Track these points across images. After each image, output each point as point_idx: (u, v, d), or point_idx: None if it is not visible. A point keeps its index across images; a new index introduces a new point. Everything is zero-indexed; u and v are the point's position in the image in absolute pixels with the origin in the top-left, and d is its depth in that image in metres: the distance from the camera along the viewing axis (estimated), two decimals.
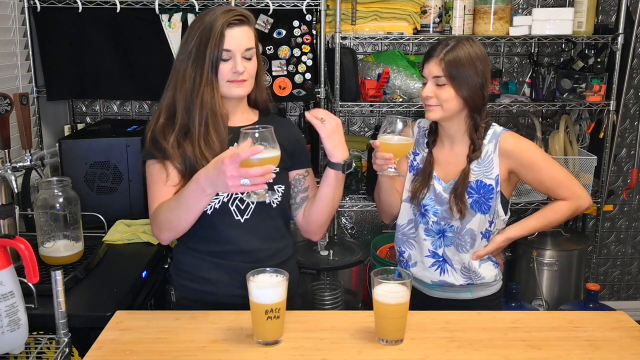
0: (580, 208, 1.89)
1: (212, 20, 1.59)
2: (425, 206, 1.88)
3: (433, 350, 1.45)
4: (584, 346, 1.47)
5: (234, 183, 1.40)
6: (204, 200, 1.54)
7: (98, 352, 1.42)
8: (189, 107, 1.62)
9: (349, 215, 3.38)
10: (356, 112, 3.33)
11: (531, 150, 1.85)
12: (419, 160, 1.92)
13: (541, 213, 1.92)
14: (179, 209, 1.56)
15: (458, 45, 1.77)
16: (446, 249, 1.88)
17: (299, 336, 1.50)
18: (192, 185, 1.52)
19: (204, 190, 1.49)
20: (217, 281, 1.70)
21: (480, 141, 1.83)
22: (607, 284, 3.71)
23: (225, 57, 1.60)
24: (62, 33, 2.80)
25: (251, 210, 1.69)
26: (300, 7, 2.82)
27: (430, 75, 1.78)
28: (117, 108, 3.25)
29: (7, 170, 1.96)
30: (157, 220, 1.63)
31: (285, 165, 1.74)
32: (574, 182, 1.89)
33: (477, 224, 1.84)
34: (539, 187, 1.91)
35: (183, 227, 1.61)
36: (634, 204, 3.63)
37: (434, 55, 1.78)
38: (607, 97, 2.93)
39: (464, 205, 1.81)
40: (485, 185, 1.83)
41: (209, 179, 1.47)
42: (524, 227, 1.92)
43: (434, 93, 1.78)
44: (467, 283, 1.89)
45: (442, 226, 1.87)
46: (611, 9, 3.30)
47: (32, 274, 1.36)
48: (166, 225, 1.62)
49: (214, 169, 1.44)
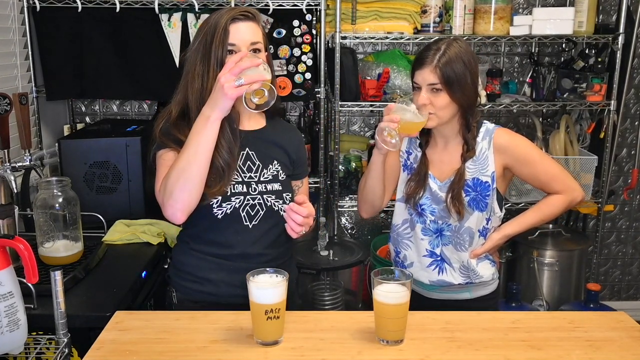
0: (575, 201, 1.89)
1: (217, 17, 1.60)
2: (421, 206, 1.87)
3: (433, 350, 1.44)
4: (584, 346, 1.47)
5: (229, 85, 1.42)
6: (209, 131, 1.49)
7: (98, 353, 1.42)
8: (202, 104, 1.59)
9: (349, 215, 3.37)
10: (356, 112, 3.32)
11: (525, 146, 1.86)
12: (412, 159, 1.91)
13: (536, 208, 1.92)
14: (187, 152, 1.50)
15: (449, 48, 1.75)
16: (444, 248, 1.87)
17: (299, 336, 1.49)
18: (197, 119, 1.52)
19: (207, 117, 1.48)
20: (219, 281, 1.70)
21: (473, 140, 1.83)
22: (607, 284, 3.71)
23: (230, 49, 1.59)
24: (62, 33, 2.80)
25: (260, 217, 1.69)
26: (300, 7, 2.82)
27: (425, 83, 1.76)
28: (116, 108, 3.24)
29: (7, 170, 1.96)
30: (167, 186, 1.53)
31: (289, 173, 1.75)
32: (567, 176, 1.90)
33: (475, 221, 1.84)
34: (533, 182, 1.91)
35: (195, 176, 1.51)
36: (634, 204, 3.63)
37: (427, 63, 1.75)
38: (607, 97, 2.93)
39: (461, 206, 1.81)
40: (482, 183, 1.83)
41: (209, 103, 1.49)
42: (520, 223, 1.91)
43: (429, 100, 1.76)
44: (465, 282, 1.88)
45: (439, 225, 1.86)
46: (612, 8, 3.30)
47: (32, 274, 1.35)
48: (178, 181, 1.51)
49: (213, 90, 1.48)
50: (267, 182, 1.69)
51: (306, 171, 1.87)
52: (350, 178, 3.02)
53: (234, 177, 1.64)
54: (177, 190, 1.52)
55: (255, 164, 1.69)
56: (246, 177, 1.67)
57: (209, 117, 1.48)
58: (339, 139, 2.91)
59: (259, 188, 1.68)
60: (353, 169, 3.03)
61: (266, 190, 1.69)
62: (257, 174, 1.69)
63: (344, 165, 3.04)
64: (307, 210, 1.56)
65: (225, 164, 1.60)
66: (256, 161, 1.69)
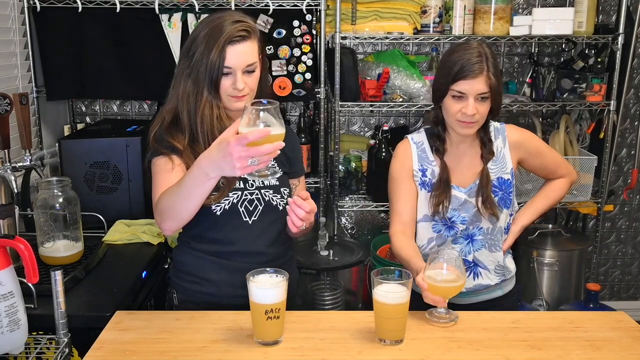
0: (574, 181, 2.01)
1: (216, 33, 1.57)
2: (450, 219, 1.82)
3: (433, 350, 1.44)
4: (584, 346, 1.47)
5: (242, 164, 1.32)
6: (207, 185, 1.44)
7: (98, 352, 1.42)
8: (194, 121, 1.62)
9: (349, 215, 3.37)
10: (356, 112, 3.32)
11: (535, 138, 1.94)
12: (429, 175, 1.84)
13: (543, 194, 1.98)
14: (180, 196, 1.48)
15: (489, 54, 1.72)
16: (475, 254, 1.85)
17: (299, 336, 1.49)
18: (194, 171, 1.43)
19: (207, 174, 1.40)
20: (220, 282, 1.70)
21: (490, 141, 1.83)
22: (607, 284, 3.71)
23: (226, 72, 1.59)
24: (62, 33, 2.80)
25: (259, 212, 1.69)
26: (300, 7, 2.82)
27: (475, 92, 1.70)
28: (116, 108, 3.24)
29: (7, 170, 1.96)
30: (159, 208, 1.55)
31: (285, 170, 1.76)
32: (565, 160, 2.03)
33: (504, 220, 1.86)
34: (541, 171, 1.97)
35: (185, 215, 1.53)
36: (634, 204, 3.62)
37: (477, 71, 1.69)
38: (607, 97, 2.93)
39: (494, 207, 1.80)
40: (505, 181, 1.84)
41: (213, 163, 1.37)
42: (533, 211, 1.95)
43: (476, 109, 1.72)
44: (500, 280, 1.89)
45: (470, 231, 1.84)
46: (611, 8, 3.30)
47: (32, 274, 1.36)
48: (168, 214, 1.53)
49: (218, 151, 1.35)
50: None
51: (302, 170, 1.87)
52: (350, 178, 3.02)
53: None
54: (166, 219, 1.55)
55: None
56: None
57: (208, 175, 1.40)
58: (339, 139, 2.91)
59: (256, 183, 1.69)
60: (353, 169, 3.03)
61: (263, 185, 1.70)
62: None
63: (344, 165, 3.04)
64: (310, 206, 1.56)
65: (226, 181, 1.62)
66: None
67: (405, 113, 3.34)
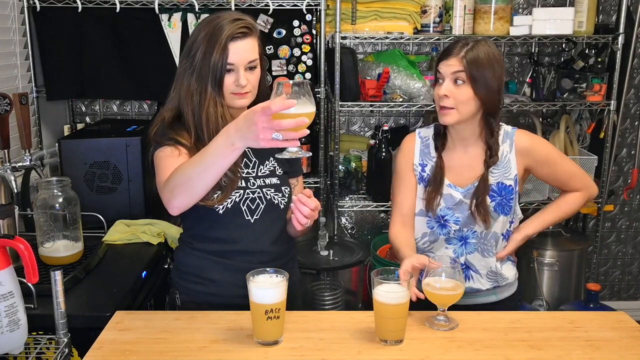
0: (591, 197, 1.92)
1: (216, 31, 1.57)
2: (443, 217, 1.81)
3: (433, 350, 1.44)
4: (584, 346, 1.47)
5: (265, 136, 1.28)
6: (231, 157, 1.40)
7: (98, 352, 1.42)
8: (198, 120, 1.62)
9: (349, 215, 3.37)
10: (356, 112, 3.32)
11: (546, 146, 1.86)
12: (428, 170, 1.83)
13: (555, 206, 1.91)
14: (201, 167, 1.44)
15: (477, 45, 1.72)
16: (468, 257, 1.83)
17: (299, 336, 1.49)
18: (220, 139, 1.39)
19: (233, 143, 1.36)
20: (223, 281, 1.70)
21: (497, 146, 1.79)
22: (607, 284, 3.71)
23: (229, 69, 1.60)
24: (62, 33, 2.80)
25: (261, 211, 1.70)
26: (300, 7, 2.82)
27: (450, 71, 1.70)
28: (116, 108, 3.24)
29: (7, 170, 1.96)
30: (170, 184, 1.50)
31: (285, 169, 1.76)
32: (584, 174, 1.91)
33: (500, 226, 1.81)
34: (552, 181, 1.92)
35: (200, 189, 1.47)
36: (634, 204, 3.62)
37: (454, 53, 1.71)
38: (607, 97, 2.93)
39: (487, 214, 1.77)
40: (506, 187, 1.79)
41: (239, 131, 1.34)
42: (540, 222, 1.89)
43: (451, 93, 1.71)
44: (493, 286, 1.86)
45: (464, 233, 1.82)
46: (612, 8, 3.30)
47: (32, 274, 1.36)
48: (181, 187, 1.47)
49: (245, 120, 1.33)
50: (265, 177, 1.71)
51: (301, 169, 1.88)
52: (350, 178, 3.02)
53: None
54: (178, 193, 1.50)
55: (251, 160, 1.70)
56: (244, 173, 1.68)
57: (233, 144, 1.37)
58: (338, 139, 2.91)
59: (258, 182, 1.69)
60: (353, 169, 3.03)
61: (265, 184, 1.70)
62: (254, 170, 1.70)
63: (344, 165, 3.04)
64: (315, 203, 1.58)
65: (229, 180, 1.61)
66: (252, 158, 1.71)
67: (406, 113, 3.34)
